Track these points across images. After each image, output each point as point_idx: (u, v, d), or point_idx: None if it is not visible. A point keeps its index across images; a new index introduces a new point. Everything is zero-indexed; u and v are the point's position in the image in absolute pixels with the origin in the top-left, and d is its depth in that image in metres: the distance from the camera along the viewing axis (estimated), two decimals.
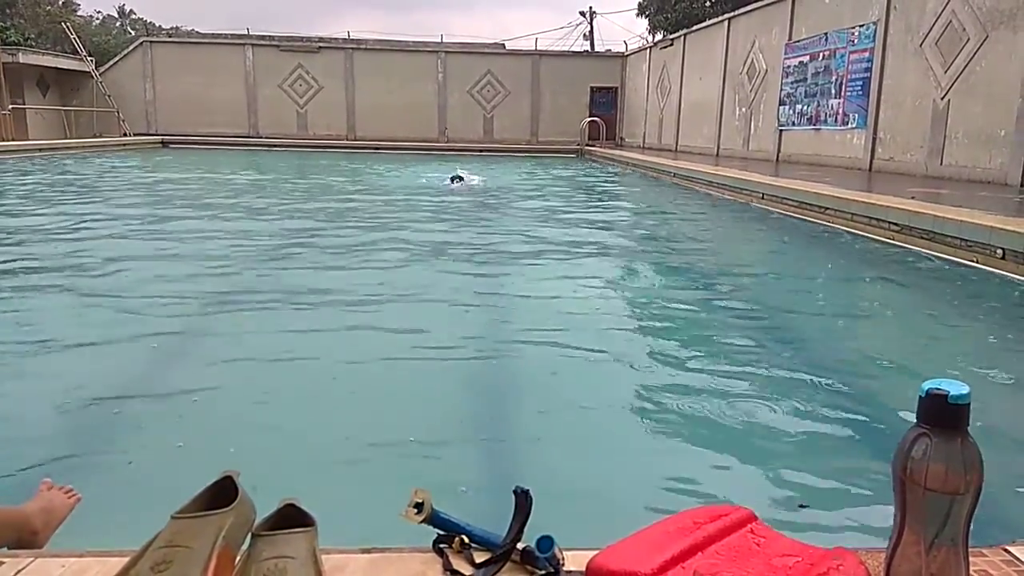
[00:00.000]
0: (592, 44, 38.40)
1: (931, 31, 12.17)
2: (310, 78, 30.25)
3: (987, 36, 10.94)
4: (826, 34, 15.64)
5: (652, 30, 31.54)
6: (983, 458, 0.72)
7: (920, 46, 12.46)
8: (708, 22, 22.50)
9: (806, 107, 16.51)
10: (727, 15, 20.96)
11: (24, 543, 1.36)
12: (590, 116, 29.87)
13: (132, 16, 54.14)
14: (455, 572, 0.85)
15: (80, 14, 42.37)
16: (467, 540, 0.89)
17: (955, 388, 0.71)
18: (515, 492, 0.87)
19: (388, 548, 0.91)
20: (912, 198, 8.45)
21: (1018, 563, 0.89)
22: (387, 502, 0.99)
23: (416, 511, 0.86)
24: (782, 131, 17.66)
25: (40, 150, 20.88)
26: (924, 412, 0.72)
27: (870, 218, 8.19)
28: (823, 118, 15.78)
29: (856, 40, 14.53)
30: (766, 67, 18.44)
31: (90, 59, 28.39)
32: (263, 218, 9.85)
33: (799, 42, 16.82)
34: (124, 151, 24.06)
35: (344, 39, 31.02)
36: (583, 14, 41.16)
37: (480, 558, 0.87)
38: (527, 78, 31.02)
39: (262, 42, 30.20)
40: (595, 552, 0.85)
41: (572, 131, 29.43)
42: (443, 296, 5.47)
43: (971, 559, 0.75)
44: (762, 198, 11.09)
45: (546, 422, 3.23)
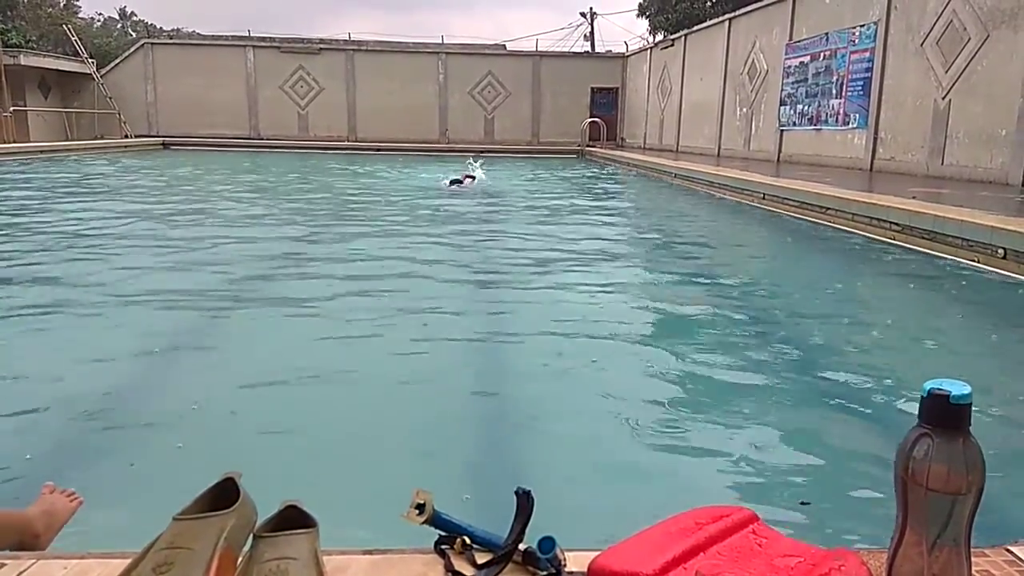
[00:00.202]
0: (593, 45, 38.42)
1: (932, 31, 12.17)
2: (311, 79, 30.28)
3: (988, 36, 10.94)
4: (827, 34, 15.63)
5: (653, 31, 31.56)
6: (985, 458, 0.72)
7: (921, 46, 12.46)
8: (709, 22, 22.51)
9: (807, 107, 16.51)
10: (728, 15, 20.97)
11: (26, 546, 1.36)
12: (591, 117, 29.87)
13: (133, 18, 54.28)
14: (457, 573, 0.85)
15: (81, 16, 42.43)
16: (469, 541, 0.89)
17: (957, 388, 0.71)
18: (517, 493, 0.87)
19: (390, 549, 0.91)
20: (913, 198, 8.44)
21: (1020, 563, 0.89)
22: (389, 503, 1.00)
23: (418, 512, 0.86)
24: (783, 131, 17.65)
25: (41, 152, 20.89)
26: (926, 412, 0.72)
27: (871, 218, 8.19)
28: (824, 118, 15.78)
29: (857, 40, 14.52)
30: (767, 67, 18.44)
31: (91, 61, 28.44)
32: (263, 219, 9.86)
33: (800, 42, 16.82)
34: (125, 153, 24.07)
35: (345, 40, 31.06)
36: (584, 15, 41.23)
37: (482, 559, 0.87)
38: (528, 79, 31.04)
39: (263, 44, 30.24)
40: (597, 553, 0.85)
41: (573, 132, 29.43)
42: (443, 296, 5.48)
43: (973, 559, 0.75)
44: (763, 198, 11.09)
45: (548, 423, 3.23)
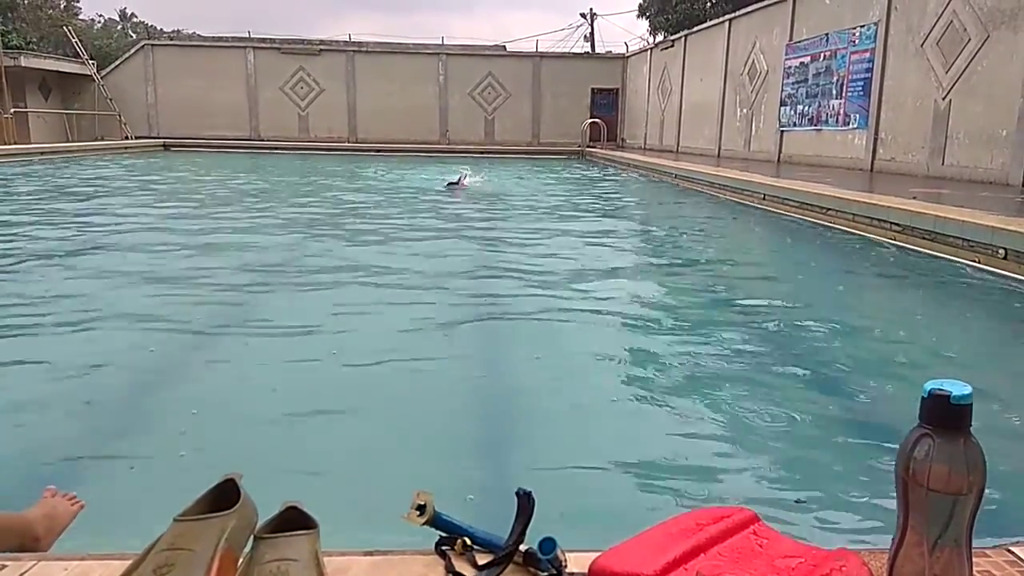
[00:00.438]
0: (593, 46, 38.43)
1: (932, 31, 12.17)
2: (311, 80, 30.29)
3: (988, 36, 10.94)
4: (827, 35, 15.64)
5: (653, 31, 31.58)
6: (986, 458, 0.72)
7: (921, 46, 12.46)
8: (709, 23, 22.51)
9: (807, 108, 16.51)
10: (728, 16, 20.97)
11: (26, 549, 1.35)
12: (591, 118, 29.86)
13: (133, 19, 54.33)
14: (457, 574, 0.85)
15: (81, 18, 42.46)
16: (469, 542, 0.89)
17: (957, 388, 0.71)
18: (517, 494, 0.87)
19: (390, 550, 0.91)
20: (913, 198, 8.44)
21: (1021, 563, 0.89)
22: (389, 504, 0.99)
23: (418, 513, 0.86)
24: (783, 132, 17.65)
25: (42, 153, 20.90)
26: (926, 412, 0.72)
27: (871, 218, 8.19)
28: (824, 119, 15.78)
29: (857, 40, 14.53)
30: (767, 68, 18.44)
31: (92, 62, 28.45)
32: (263, 221, 9.85)
33: (800, 43, 16.82)
34: (126, 154, 24.09)
35: (345, 41, 31.08)
36: (584, 16, 41.26)
37: (483, 560, 0.87)
38: (528, 80, 31.05)
39: (263, 45, 30.24)
40: (598, 554, 0.85)
41: (573, 133, 29.43)
42: (444, 297, 5.48)
43: (974, 559, 0.75)
44: (763, 199, 11.09)
45: (548, 423, 3.23)
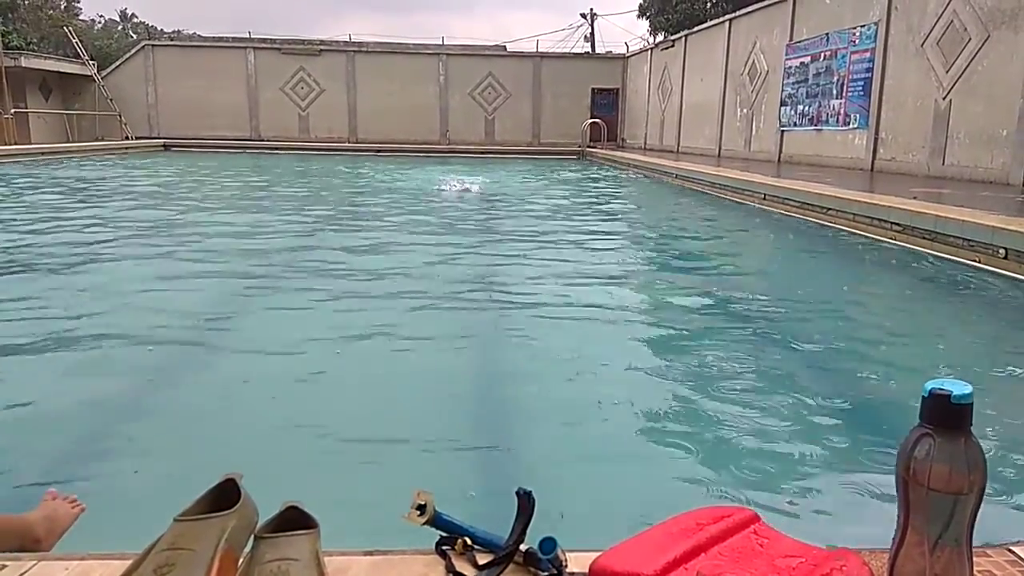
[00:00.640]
0: (593, 46, 38.39)
1: (932, 31, 12.17)
2: (311, 81, 30.29)
3: (988, 36, 10.93)
4: (827, 35, 15.63)
5: (653, 31, 31.55)
6: (986, 458, 0.71)
7: (921, 46, 12.46)
8: (709, 23, 22.50)
9: (807, 108, 16.50)
10: (728, 16, 20.97)
11: (26, 551, 1.35)
12: (591, 118, 29.86)
13: (134, 20, 54.31)
14: (458, 574, 0.85)
15: (82, 18, 42.45)
16: (470, 542, 0.89)
17: (958, 388, 0.71)
18: (518, 493, 0.87)
19: (391, 550, 0.91)
20: (914, 198, 8.44)
21: (1022, 563, 0.89)
22: (390, 504, 0.99)
23: (419, 513, 0.86)
24: (784, 132, 17.65)
25: (43, 154, 20.91)
26: (927, 412, 0.72)
27: (872, 218, 8.18)
28: (825, 119, 15.78)
29: (857, 40, 14.52)
30: (767, 68, 18.44)
31: (92, 63, 28.45)
32: (262, 222, 9.85)
33: (800, 43, 16.82)
34: (126, 154, 24.09)
35: (345, 42, 31.07)
36: (584, 16, 41.16)
37: (483, 560, 0.87)
38: (528, 80, 31.04)
39: (263, 45, 30.23)
40: (598, 553, 0.85)
41: (573, 133, 29.42)
42: (444, 297, 5.48)
43: (975, 559, 0.75)
44: (764, 199, 11.08)
45: (549, 423, 3.23)
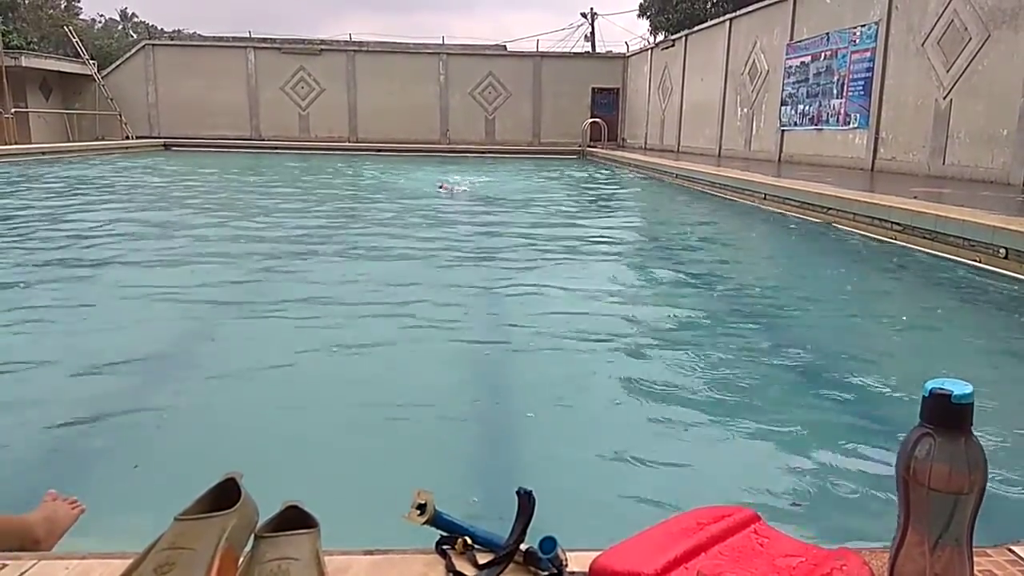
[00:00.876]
0: (593, 45, 38.40)
1: (933, 31, 12.16)
2: (312, 80, 30.28)
3: (989, 36, 10.93)
4: (827, 34, 15.63)
5: (653, 31, 31.57)
6: (987, 457, 0.71)
7: (922, 46, 12.45)
8: (709, 23, 22.50)
9: (808, 107, 16.50)
10: (728, 16, 20.96)
11: (26, 551, 1.36)
12: (592, 117, 29.85)
13: (134, 19, 54.35)
14: (458, 573, 0.85)
15: (82, 18, 42.48)
16: (470, 541, 0.89)
17: (958, 388, 0.70)
18: (518, 493, 0.87)
19: (391, 549, 0.91)
20: (914, 198, 8.44)
21: (1022, 563, 0.89)
22: (390, 503, 0.99)
23: (419, 512, 0.86)
24: (784, 131, 17.65)
25: (43, 153, 20.92)
26: (927, 412, 0.72)
27: (872, 218, 8.18)
28: (825, 118, 15.77)
29: (858, 40, 14.52)
30: (768, 67, 18.43)
31: (92, 62, 28.45)
32: (262, 223, 9.85)
33: (801, 42, 16.81)
34: (126, 154, 24.09)
35: (346, 41, 31.07)
36: (584, 15, 41.20)
37: (483, 559, 0.87)
38: (528, 80, 31.03)
39: (264, 45, 30.23)
40: (598, 553, 0.85)
41: (574, 132, 29.42)
42: (444, 297, 5.48)
43: (975, 559, 0.75)
44: (764, 199, 11.08)
45: (549, 422, 3.23)
